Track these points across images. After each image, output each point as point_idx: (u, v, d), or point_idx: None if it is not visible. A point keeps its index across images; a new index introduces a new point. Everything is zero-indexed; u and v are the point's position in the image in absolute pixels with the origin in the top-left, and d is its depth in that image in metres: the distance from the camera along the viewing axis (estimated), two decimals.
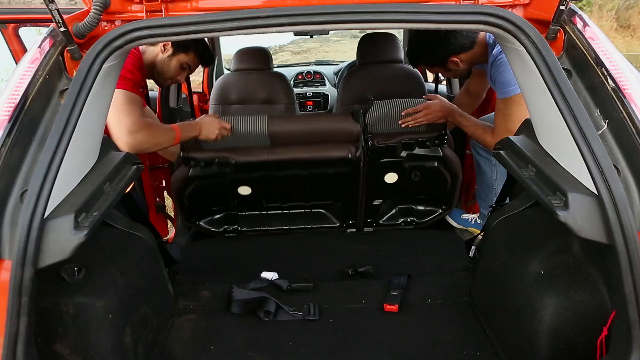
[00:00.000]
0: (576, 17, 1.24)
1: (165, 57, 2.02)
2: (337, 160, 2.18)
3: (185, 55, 2.04)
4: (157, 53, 2.02)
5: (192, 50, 2.04)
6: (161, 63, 2.04)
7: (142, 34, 1.18)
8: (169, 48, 2.01)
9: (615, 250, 1.02)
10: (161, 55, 2.02)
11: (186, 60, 2.05)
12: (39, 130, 1.15)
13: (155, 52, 2.03)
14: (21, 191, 1.07)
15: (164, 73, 2.06)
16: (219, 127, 2.06)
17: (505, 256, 1.54)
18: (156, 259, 1.69)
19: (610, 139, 1.11)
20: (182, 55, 2.03)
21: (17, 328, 0.99)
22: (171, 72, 2.07)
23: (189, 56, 2.05)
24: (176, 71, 2.07)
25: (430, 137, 2.22)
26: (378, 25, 1.24)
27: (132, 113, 1.83)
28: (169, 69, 2.05)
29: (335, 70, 4.43)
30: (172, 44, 1.99)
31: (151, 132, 1.88)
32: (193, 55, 2.06)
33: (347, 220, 2.48)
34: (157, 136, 1.91)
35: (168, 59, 2.03)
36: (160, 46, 2.00)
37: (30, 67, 1.19)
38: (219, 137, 2.06)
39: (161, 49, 2.01)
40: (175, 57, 2.03)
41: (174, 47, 2.01)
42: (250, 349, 1.57)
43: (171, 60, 2.03)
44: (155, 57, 2.03)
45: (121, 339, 1.36)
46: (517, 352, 1.42)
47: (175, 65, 2.05)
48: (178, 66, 2.06)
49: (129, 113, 1.81)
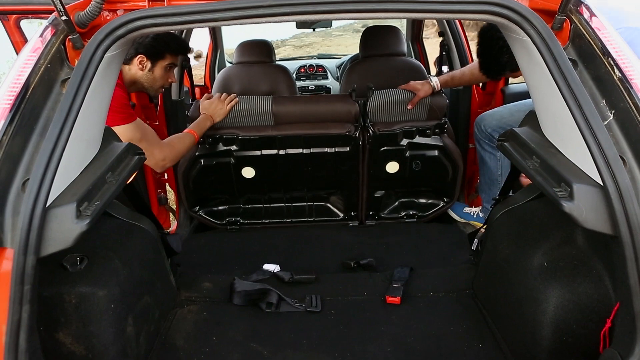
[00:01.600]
0: (582, 7, 1.22)
1: (146, 72, 2.01)
2: (336, 138, 2.24)
3: (163, 61, 2.03)
4: (135, 71, 2.00)
5: (166, 53, 2.02)
6: (145, 79, 2.03)
7: (144, 23, 1.17)
8: (145, 63, 1.99)
9: (621, 241, 1.01)
10: (141, 73, 2.00)
11: (166, 63, 2.04)
12: (40, 119, 1.14)
13: (133, 71, 2.00)
14: (23, 180, 1.06)
15: (154, 84, 2.06)
16: (223, 102, 2.20)
17: (509, 248, 1.54)
18: (158, 250, 1.69)
19: (616, 130, 1.10)
20: (160, 62, 2.02)
21: (19, 316, 0.98)
22: (160, 81, 2.07)
23: (166, 59, 2.03)
24: (164, 77, 2.07)
25: (430, 125, 2.26)
26: (382, 14, 1.22)
27: (152, 145, 1.92)
28: (155, 80, 2.05)
29: (338, 63, 4.42)
30: (147, 57, 1.98)
31: (174, 153, 2.02)
32: (170, 56, 2.04)
33: (349, 213, 2.49)
34: (181, 151, 2.06)
35: (150, 73, 2.02)
36: (137, 64, 1.98)
37: (32, 55, 1.18)
38: (230, 109, 2.21)
39: (139, 67, 1.99)
40: (156, 67, 2.02)
41: (150, 60, 1.99)
42: (252, 340, 1.58)
43: (153, 72, 2.02)
44: (135, 75, 2.01)
45: (123, 328, 1.36)
46: (520, 344, 1.42)
47: (159, 73, 2.04)
48: (163, 72, 2.05)
49: (150, 147, 1.90)
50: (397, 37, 2.62)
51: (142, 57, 1.98)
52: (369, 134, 2.25)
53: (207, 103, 2.22)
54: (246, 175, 2.34)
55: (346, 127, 2.24)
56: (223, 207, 2.50)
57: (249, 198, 2.48)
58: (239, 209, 2.50)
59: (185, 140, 2.08)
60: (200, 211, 2.48)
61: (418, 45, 3.75)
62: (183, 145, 2.07)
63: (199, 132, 2.14)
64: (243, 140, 2.25)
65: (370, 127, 2.25)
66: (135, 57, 1.97)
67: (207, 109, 2.20)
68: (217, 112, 2.20)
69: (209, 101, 2.23)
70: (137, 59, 1.97)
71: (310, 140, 2.26)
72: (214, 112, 2.20)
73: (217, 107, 2.20)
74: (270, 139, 2.25)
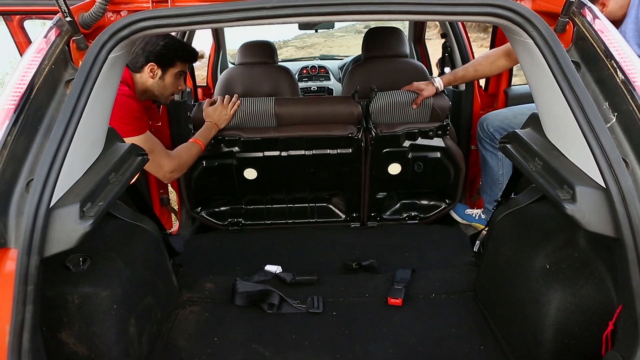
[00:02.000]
0: (585, 9, 1.22)
1: (157, 80, 2.02)
2: (339, 139, 2.24)
3: (173, 68, 2.03)
4: (146, 79, 2.01)
5: (177, 60, 2.03)
6: (156, 86, 2.04)
7: (148, 24, 1.17)
8: (156, 71, 2.00)
9: (623, 243, 1.01)
10: (152, 81, 2.01)
11: (176, 70, 2.05)
12: (44, 119, 1.15)
13: (144, 79, 2.01)
14: (27, 180, 1.07)
15: (165, 92, 2.08)
16: (226, 108, 2.20)
17: (511, 250, 1.54)
18: (160, 250, 1.70)
19: (619, 132, 1.10)
20: (170, 70, 2.03)
21: (23, 316, 0.99)
22: (170, 88, 2.08)
23: (177, 66, 2.04)
24: (174, 85, 2.08)
25: (433, 127, 2.26)
26: (384, 16, 1.23)
27: (161, 157, 1.95)
28: (166, 87, 2.06)
29: (340, 64, 4.42)
30: (158, 65, 1.99)
31: (182, 164, 2.05)
32: (180, 63, 2.05)
33: (351, 214, 2.49)
34: (188, 162, 2.09)
35: (161, 81, 2.03)
36: (147, 72, 1.99)
37: (36, 56, 1.18)
38: (234, 113, 2.22)
39: (150, 75, 2.00)
40: (166, 75, 2.03)
41: (161, 68, 2.00)
42: (253, 341, 1.58)
43: (164, 79, 2.03)
44: (146, 83, 2.02)
45: (126, 329, 1.37)
46: (522, 346, 1.42)
47: (170, 81, 2.05)
48: (173, 80, 2.06)
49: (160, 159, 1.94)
50: (399, 39, 2.63)
51: (153, 65, 1.98)
52: (372, 136, 2.25)
53: (211, 110, 2.21)
54: (248, 177, 2.34)
55: (349, 129, 2.24)
56: (225, 208, 2.50)
57: (250, 199, 2.48)
58: (240, 210, 2.50)
59: (192, 151, 2.09)
60: (202, 212, 2.49)
61: (420, 47, 3.76)
62: (190, 156, 2.08)
63: (204, 141, 2.14)
64: (245, 141, 2.25)
65: (372, 129, 2.25)
66: (146, 65, 1.98)
67: (211, 116, 2.20)
68: (221, 119, 2.20)
69: (212, 108, 2.21)
70: (148, 67, 1.98)
71: (312, 141, 2.26)
72: (218, 118, 2.19)
73: (221, 113, 2.20)
74: (272, 140, 2.25)
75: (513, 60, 2.30)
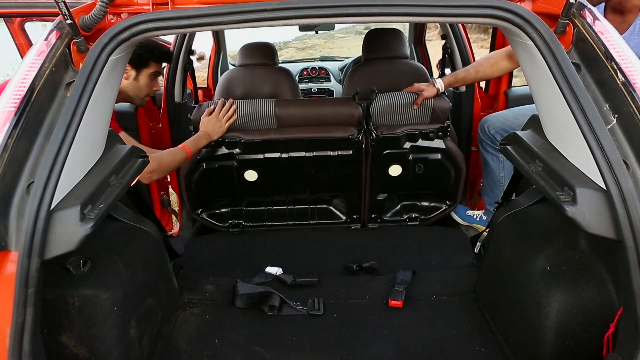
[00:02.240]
0: (586, 11, 1.22)
1: (131, 81, 2.00)
2: (339, 141, 2.25)
3: (147, 69, 2.01)
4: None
5: (150, 60, 2.01)
6: (130, 88, 2.02)
7: (148, 26, 1.18)
8: (130, 72, 1.98)
9: (624, 245, 1.01)
10: (126, 82, 1.99)
11: (151, 71, 2.03)
12: (45, 122, 1.15)
13: None
14: (28, 183, 1.07)
15: (139, 93, 2.05)
16: (221, 120, 2.18)
17: (511, 252, 1.54)
18: (161, 252, 1.70)
19: (619, 134, 1.10)
20: (144, 71, 2.01)
21: (23, 318, 0.99)
22: (145, 89, 2.06)
23: (150, 67, 2.02)
24: (149, 86, 2.06)
25: (433, 128, 2.26)
26: (385, 18, 1.23)
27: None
28: (140, 88, 2.04)
29: (341, 66, 4.42)
30: (132, 66, 1.96)
31: (163, 166, 1.99)
32: (154, 63, 2.03)
33: (352, 215, 2.49)
34: (170, 165, 2.05)
35: (135, 82, 2.01)
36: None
37: (37, 59, 1.18)
38: (231, 123, 2.21)
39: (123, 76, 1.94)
40: (140, 76, 2.01)
41: (134, 68, 1.98)
42: (254, 343, 1.58)
43: (138, 80, 2.01)
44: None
45: (126, 331, 1.37)
46: (522, 348, 1.41)
47: (144, 82, 2.03)
48: (148, 81, 2.04)
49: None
50: (399, 40, 2.63)
51: (127, 66, 1.95)
52: (372, 137, 2.25)
53: (207, 120, 2.19)
54: (249, 178, 2.34)
55: (349, 131, 2.24)
56: (225, 210, 2.50)
57: (251, 201, 2.48)
58: (241, 212, 2.50)
59: (177, 156, 2.06)
60: (202, 214, 2.49)
61: (420, 48, 3.76)
62: (173, 160, 2.04)
63: (193, 148, 2.11)
64: (246, 143, 2.25)
65: (373, 131, 2.25)
66: None
67: (205, 126, 2.18)
68: (215, 131, 2.18)
69: (207, 118, 2.19)
70: None
71: (313, 143, 2.26)
72: (212, 130, 2.17)
73: (215, 125, 2.18)
74: (273, 142, 2.25)
75: (515, 62, 2.29)
